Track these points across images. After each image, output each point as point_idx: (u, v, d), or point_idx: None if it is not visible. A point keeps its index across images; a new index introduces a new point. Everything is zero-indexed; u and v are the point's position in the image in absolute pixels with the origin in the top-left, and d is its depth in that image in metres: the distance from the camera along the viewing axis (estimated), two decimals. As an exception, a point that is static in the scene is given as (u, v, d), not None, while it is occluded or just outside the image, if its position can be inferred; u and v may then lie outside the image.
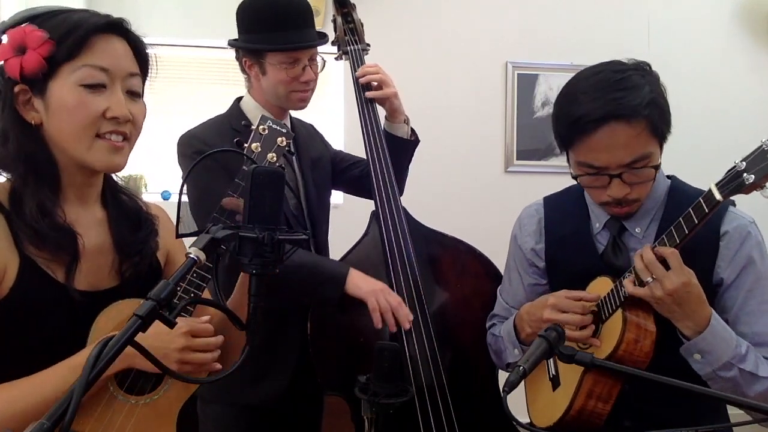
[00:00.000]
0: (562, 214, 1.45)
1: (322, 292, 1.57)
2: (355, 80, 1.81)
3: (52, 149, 1.02)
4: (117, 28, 1.04)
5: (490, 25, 3.43)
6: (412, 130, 1.86)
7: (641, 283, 1.18)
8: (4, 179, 1.05)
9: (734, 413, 1.16)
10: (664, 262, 1.15)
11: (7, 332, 0.98)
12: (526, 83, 3.43)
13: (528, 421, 1.46)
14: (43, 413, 0.64)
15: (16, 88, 0.99)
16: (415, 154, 1.89)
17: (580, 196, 1.42)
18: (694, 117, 3.40)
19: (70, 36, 0.98)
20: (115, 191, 1.16)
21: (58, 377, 0.96)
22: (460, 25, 3.41)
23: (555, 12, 3.46)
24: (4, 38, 0.99)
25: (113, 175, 1.17)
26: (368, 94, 1.77)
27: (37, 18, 1.00)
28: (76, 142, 1.01)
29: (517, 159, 3.43)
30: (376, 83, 1.78)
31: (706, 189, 1.11)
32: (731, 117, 3.48)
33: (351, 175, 1.95)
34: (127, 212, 1.15)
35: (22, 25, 0.98)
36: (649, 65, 1.28)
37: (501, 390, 0.89)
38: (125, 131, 1.04)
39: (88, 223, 1.08)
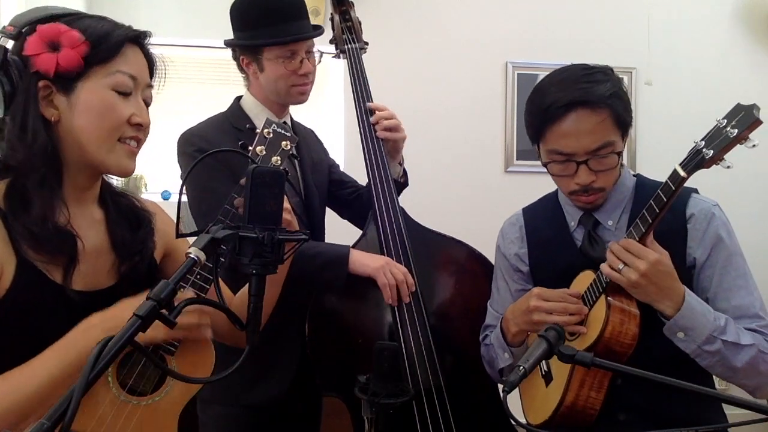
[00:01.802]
0: (540, 219, 1.52)
1: (326, 276, 1.57)
2: (354, 79, 1.81)
3: (64, 147, 1.03)
4: (139, 40, 1.07)
5: (490, 25, 3.43)
6: (404, 171, 1.86)
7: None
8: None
9: (733, 413, 1.16)
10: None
11: (5, 333, 0.98)
12: (526, 83, 3.43)
13: (525, 422, 1.47)
14: (39, 402, 0.64)
15: (41, 83, 0.99)
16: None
17: (555, 200, 1.51)
18: (694, 117, 3.39)
19: (105, 41, 1.01)
20: (111, 191, 1.16)
21: (49, 363, 0.96)
22: (460, 25, 3.41)
23: (555, 12, 3.46)
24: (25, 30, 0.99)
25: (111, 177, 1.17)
26: (381, 135, 1.76)
27: (59, 18, 1.01)
28: (100, 143, 1.02)
29: (517, 159, 3.43)
30: (388, 126, 1.76)
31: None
32: (731, 117, 3.47)
33: (340, 193, 1.93)
34: (124, 212, 1.16)
35: (52, 23, 0.99)
36: (611, 69, 1.39)
37: (501, 390, 0.89)
38: (141, 137, 1.07)
39: (86, 223, 1.08)
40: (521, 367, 0.91)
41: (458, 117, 3.38)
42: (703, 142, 1.13)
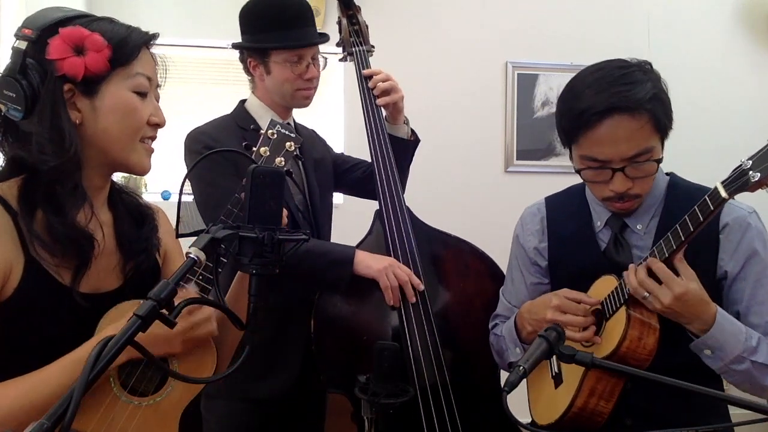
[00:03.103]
0: (564, 214, 1.46)
1: (331, 275, 1.59)
2: (361, 81, 1.82)
3: (85, 149, 1.03)
4: (152, 42, 1.10)
5: (490, 25, 3.43)
6: (412, 130, 1.87)
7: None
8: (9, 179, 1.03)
9: (735, 413, 1.16)
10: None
11: (10, 333, 0.98)
12: (526, 83, 3.43)
13: (529, 420, 1.46)
14: (46, 410, 0.64)
15: (66, 87, 1.00)
16: (415, 153, 1.90)
17: (582, 196, 1.44)
18: (694, 117, 3.39)
19: (125, 44, 1.03)
20: (118, 191, 1.17)
21: (60, 373, 0.96)
22: (460, 25, 3.41)
23: (555, 12, 3.46)
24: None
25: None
26: (380, 102, 1.77)
27: (73, 21, 1.01)
28: (123, 144, 1.05)
29: (517, 159, 3.42)
30: (384, 88, 1.78)
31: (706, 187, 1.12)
32: (731, 117, 3.48)
33: (354, 176, 1.97)
34: (129, 210, 1.16)
35: (74, 27, 0.99)
36: (650, 64, 1.30)
37: (502, 389, 0.89)
38: (156, 136, 1.10)
39: (97, 225, 1.08)
40: (521, 367, 0.90)
41: (458, 117, 3.38)
42: (750, 162, 1.03)
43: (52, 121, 0.98)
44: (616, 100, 1.21)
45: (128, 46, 1.03)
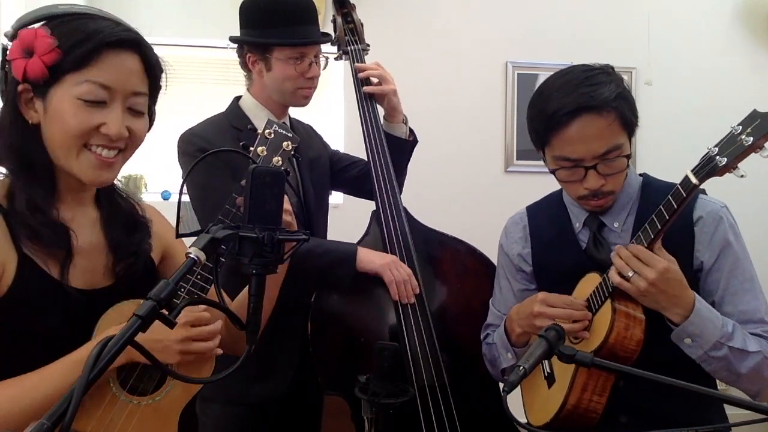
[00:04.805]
0: (544, 219, 1.50)
1: (335, 273, 1.59)
2: (356, 79, 1.82)
3: (49, 150, 1.03)
4: (132, 45, 1.03)
5: (490, 25, 3.43)
6: (411, 130, 1.86)
7: (625, 279, 1.22)
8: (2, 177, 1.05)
9: (734, 413, 1.16)
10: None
11: (5, 330, 0.99)
12: (526, 83, 3.43)
13: (526, 421, 1.47)
14: (45, 410, 0.64)
15: (20, 87, 1.00)
16: (414, 153, 1.90)
17: (560, 200, 1.48)
18: (694, 117, 3.39)
19: (79, 48, 0.97)
20: (110, 192, 1.16)
21: (60, 373, 0.97)
22: (460, 25, 3.41)
23: (555, 12, 3.46)
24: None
25: None
26: (366, 89, 1.78)
27: (55, 19, 1.00)
28: (64, 150, 1.01)
29: (517, 159, 3.43)
30: (375, 80, 1.78)
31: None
32: (731, 117, 3.46)
33: (349, 175, 1.95)
34: (121, 213, 1.15)
35: (36, 26, 0.99)
36: (612, 68, 1.36)
37: (501, 390, 0.89)
38: (119, 146, 1.04)
39: (83, 222, 1.09)
40: (521, 367, 0.90)
41: (458, 117, 3.38)
42: (717, 149, 1.09)
43: (9, 121, 1.01)
44: (583, 100, 1.26)
45: (82, 50, 0.98)
